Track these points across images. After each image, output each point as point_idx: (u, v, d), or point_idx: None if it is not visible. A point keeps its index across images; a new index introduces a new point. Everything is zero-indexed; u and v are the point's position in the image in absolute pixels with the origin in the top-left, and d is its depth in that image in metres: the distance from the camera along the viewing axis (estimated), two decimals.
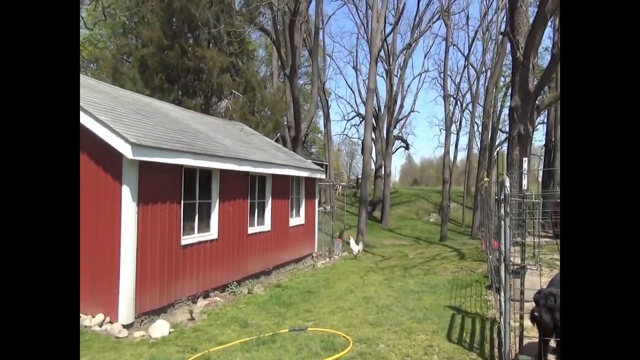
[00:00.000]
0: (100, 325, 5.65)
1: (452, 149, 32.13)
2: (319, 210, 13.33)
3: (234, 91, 16.75)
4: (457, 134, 37.23)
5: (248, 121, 15.82)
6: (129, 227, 5.61)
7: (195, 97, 16.18)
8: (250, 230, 8.80)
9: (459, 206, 32.83)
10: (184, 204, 6.72)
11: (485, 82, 28.99)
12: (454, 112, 34.35)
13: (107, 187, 5.73)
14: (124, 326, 5.63)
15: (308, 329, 5.54)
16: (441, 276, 8.59)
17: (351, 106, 51.51)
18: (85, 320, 5.68)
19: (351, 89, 70.89)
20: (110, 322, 5.69)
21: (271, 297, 7.73)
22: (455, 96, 35.91)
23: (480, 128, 31.93)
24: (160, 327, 5.81)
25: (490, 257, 7.55)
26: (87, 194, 5.76)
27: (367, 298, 7.19)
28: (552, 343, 3.91)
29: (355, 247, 13.44)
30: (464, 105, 36.96)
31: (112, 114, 6.35)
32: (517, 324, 4.19)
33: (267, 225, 9.56)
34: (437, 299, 6.73)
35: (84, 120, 5.60)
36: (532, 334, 4.21)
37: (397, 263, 11.33)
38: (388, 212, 29.34)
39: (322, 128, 37.64)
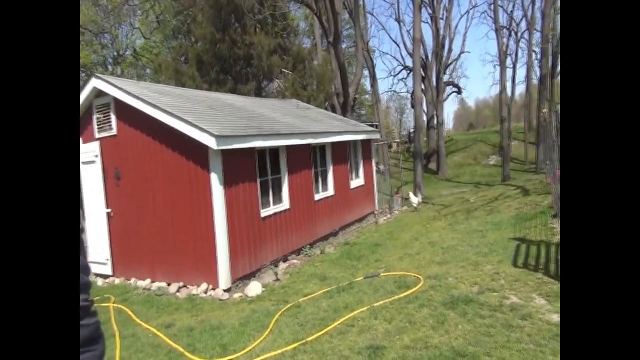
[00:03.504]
0: (205, 292, 6.73)
1: (508, 84, 30.23)
2: (375, 170, 13.72)
3: (283, 70, 17.27)
4: (514, 67, 34.77)
5: (300, 96, 16.32)
6: (219, 209, 6.54)
7: (248, 83, 16.96)
8: (317, 197, 9.55)
9: (520, 143, 31.18)
10: (259, 181, 7.57)
11: (542, 4, 26.44)
12: (508, 44, 31.95)
13: (197, 176, 6.68)
14: (224, 290, 6.66)
15: (381, 274, 6.15)
16: (505, 213, 8.72)
17: (397, 60, 49.72)
18: (192, 289, 6.80)
19: (395, 43, 67.60)
20: (213, 289, 6.74)
21: (342, 254, 8.47)
22: (508, 27, 33.23)
23: (539, 56, 29.41)
24: (254, 287, 6.79)
25: (555, 186, 7.53)
26: (182, 186, 6.82)
27: (432, 243, 7.63)
28: None
29: (415, 199, 13.75)
30: (519, 34, 34.12)
31: (194, 113, 7.23)
32: None
33: (330, 190, 10.24)
34: (501, 234, 6.98)
35: (173, 122, 6.55)
36: None
37: (459, 208, 11.52)
38: (444, 162, 28.79)
39: (368, 88, 37.06)
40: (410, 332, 3.84)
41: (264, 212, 7.65)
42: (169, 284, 7.14)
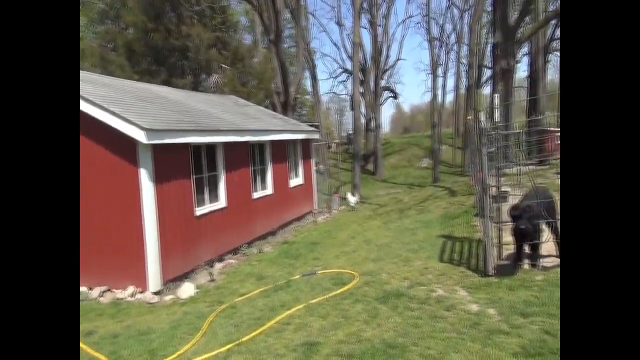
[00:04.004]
0: (132, 296, 6.30)
1: (439, 92, 32.32)
2: (315, 170, 13.87)
3: (222, 65, 16.73)
4: (444, 76, 37.20)
5: (239, 93, 15.95)
6: (149, 206, 6.14)
7: (184, 76, 16.19)
8: (255, 195, 9.40)
9: (449, 148, 33.49)
10: (194, 178, 7.25)
11: (469, 20, 28.61)
12: (439, 54, 34.10)
13: (125, 172, 6.21)
14: (154, 293, 6.30)
15: (318, 272, 6.23)
16: (434, 213, 9.31)
17: (337, 63, 50.72)
18: (118, 293, 6.33)
19: (336, 46, 69.20)
20: (141, 292, 6.34)
21: (280, 253, 8.44)
22: (440, 38, 35.47)
23: (466, 67, 31.81)
24: (187, 289, 6.50)
25: (477, 188, 8.19)
26: (109, 183, 6.28)
27: (367, 240, 7.90)
28: (526, 249, 4.58)
29: (352, 199, 14.15)
30: (449, 46, 36.61)
31: (122, 104, 6.71)
32: (497, 240, 4.86)
33: (269, 189, 10.14)
34: (430, 232, 7.44)
35: (98, 114, 6.01)
36: (508, 247, 4.88)
37: (393, 208, 12.06)
38: (381, 164, 29.99)
39: (309, 89, 37.32)
40: (345, 327, 3.93)
41: (199, 211, 7.36)
42: (90, 288, 6.57)
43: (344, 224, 10.94)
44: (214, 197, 8.02)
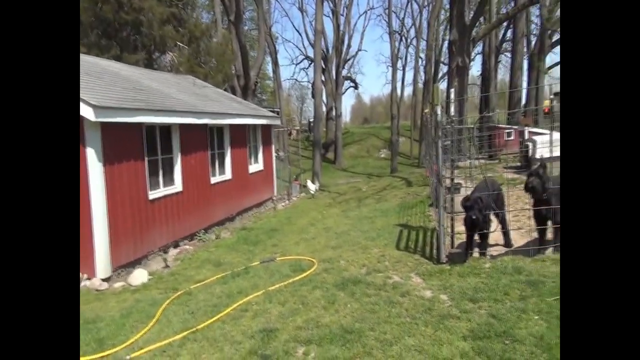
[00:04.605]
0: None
1: (399, 84, 33.04)
2: (275, 157, 13.73)
3: (178, 43, 15.87)
4: (403, 70, 37.98)
5: (196, 73, 15.28)
6: (97, 188, 5.77)
7: (137, 52, 15.20)
8: (213, 180, 9.14)
9: (407, 140, 34.47)
10: (147, 160, 6.89)
11: (427, 16, 29.26)
12: (399, 48, 34.72)
13: None
14: (103, 280, 5.98)
15: (277, 258, 6.22)
16: (391, 202, 9.57)
17: (299, 49, 50.02)
18: None
19: (298, 32, 68.36)
20: (88, 279, 6.00)
21: (239, 239, 8.32)
22: (400, 32, 36.08)
23: (424, 62, 32.69)
24: (139, 276, 6.24)
25: (432, 179, 8.50)
26: None
27: (327, 228, 7.98)
28: (476, 238, 4.84)
29: (312, 187, 14.21)
30: (409, 40, 37.36)
31: None
32: (450, 229, 5.08)
33: (228, 174, 9.91)
34: (388, 220, 7.64)
35: None
36: (460, 236, 5.13)
37: (352, 196, 12.26)
38: (341, 153, 30.30)
39: (271, 74, 36.63)
40: (303, 313, 3.95)
41: (153, 194, 7.04)
42: None
43: (304, 211, 10.97)
44: (169, 180, 7.70)
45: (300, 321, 3.77)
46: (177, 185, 7.84)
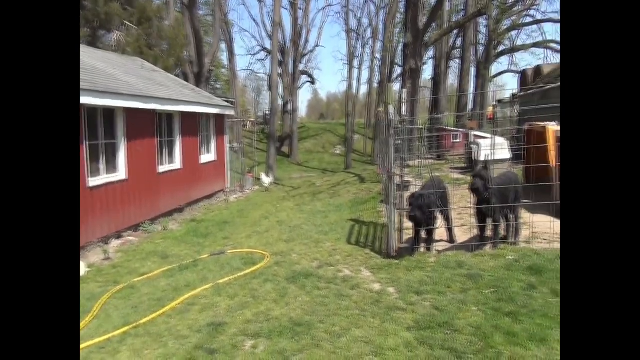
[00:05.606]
0: None
1: (355, 82, 33.50)
2: (229, 148, 13.39)
3: (126, 22, 14.83)
4: (360, 68, 38.59)
5: (145, 56, 14.41)
6: None
7: (80, 28, 14.01)
8: (161, 168, 8.73)
9: (362, 137, 35.12)
10: (88, 144, 6.43)
11: (384, 17, 29.89)
12: (356, 47, 35.15)
13: None
14: None
15: (228, 251, 6.08)
16: (344, 198, 9.71)
17: (256, 40, 49.03)
18: None
19: (255, 22, 66.74)
20: None
21: (188, 231, 8.03)
22: (357, 31, 36.51)
23: (380, 62, 33.39)
24: None
25: (383, 177, 8.75)
26: None
27: (280, 222, 7.93)
28: (423, 234, 5.05)
29: (267, 180, 14.05)
30: (366, 39, 37.92)
31: None
32: (399, 225, 5.26)
33: (177, 163, 9.51)
34: (341, 215, 7.75)
35: None
36: (409, 232, 5.33)
37: (306, 191, 12.29)
38: (297, 147, 30.22)
39: (226, 63, 35.57)
40: (253, 306, 3.91)
41: (93, 181, 6.59)
42: None
43: (257, 204, 10.83)
44: (112, 167, 7.25)
45: (250, 315, 3.72)
46: (121, 173, 7.40)
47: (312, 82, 41.20)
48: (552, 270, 3.88)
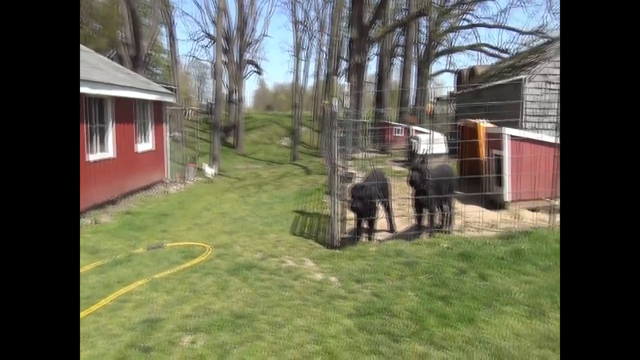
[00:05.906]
0: None
1: (302, 74, 33.31)
2: (169, 137, 12.74)
3: None
4: (307, 61, 38.40)
5: None
6: None
7: None
8: (91, 157, 8.06)
9: (308, 130, 35.21)
10: None
11: (331, 11, 30.00)
12: (303, 38, 34.95)
13: None
14: None
15: (166, 245, 5.81)
16: (290, 189, 9.70)
17: (200, 25, 46.75)
18: None
19: (198, 6, 63.58)
20: None
21: (122, 224, 7.54)
22: (304, 23, 36.29)
23: (327, 56, 33.55)
24: None
25: (328, 168, 8.86)
26: None
27: (223, 213, 7.73)
28: (365, 224, 5.19)
29: (210, 171, 13.59)
30: (313, 32, 37.84)
31: None
32: (342, 216, 5.36)
33: (110, 152, 8.85)
34: (286, 207, 7.73)
35: None
36: (351, 222, 5.46)
37: (251, 182, 12.10)
38: (242, 138, 29.55)
39: (166, 47, 33.60)
40: (193, 300, 3.78)
41: None
42: None
43: (199, 196, 10.44)
44: None
45: (189, 309, 3.59)
46: None
47: (259, 72, 40.35)
48: (481, 256, 4.18)
